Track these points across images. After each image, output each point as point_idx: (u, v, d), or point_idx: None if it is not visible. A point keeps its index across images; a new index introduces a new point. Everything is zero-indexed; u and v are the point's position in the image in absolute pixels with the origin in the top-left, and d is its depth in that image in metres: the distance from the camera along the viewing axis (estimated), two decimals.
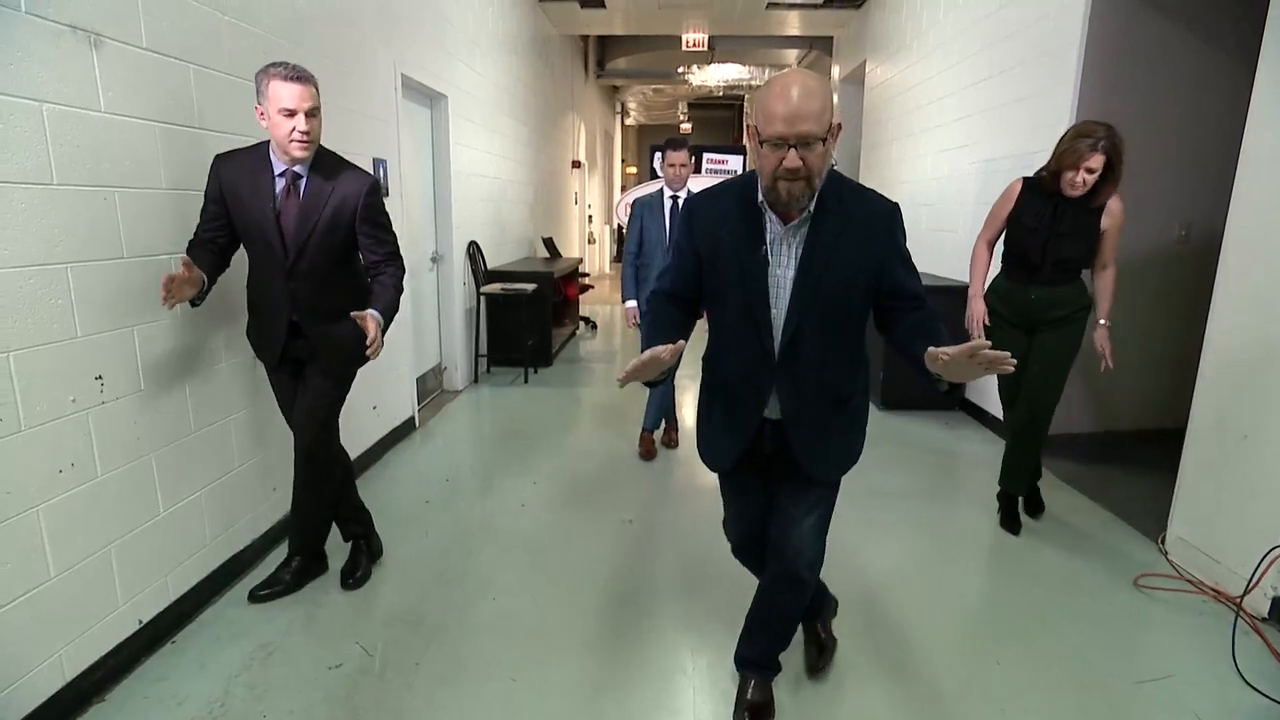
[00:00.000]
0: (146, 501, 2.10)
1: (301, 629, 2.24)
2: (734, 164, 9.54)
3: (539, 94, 7.19)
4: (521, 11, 6.43)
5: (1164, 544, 2.75)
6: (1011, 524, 2.93)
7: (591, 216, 11.88)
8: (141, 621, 2.08)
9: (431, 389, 4.81)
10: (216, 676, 2.01)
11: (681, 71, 10.79)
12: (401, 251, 2.32)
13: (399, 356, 3.87)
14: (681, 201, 3.57)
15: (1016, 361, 1.26)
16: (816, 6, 7.08)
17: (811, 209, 1.51)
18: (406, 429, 4.06)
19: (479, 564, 2.67)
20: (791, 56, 10.37)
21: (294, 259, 2.13)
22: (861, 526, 2.93)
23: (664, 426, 3.95)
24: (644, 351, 1.42)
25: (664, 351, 1.39)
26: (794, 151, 1.38)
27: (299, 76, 2.00)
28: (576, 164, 9.88)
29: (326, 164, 2.15)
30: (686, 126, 16.07)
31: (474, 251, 5.18)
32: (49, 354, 1.75)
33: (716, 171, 9.41)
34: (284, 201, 2.11)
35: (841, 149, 7.50)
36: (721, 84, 11.17)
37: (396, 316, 2.27)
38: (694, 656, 2.14)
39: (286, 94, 1.98)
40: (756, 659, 1.91)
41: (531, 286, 5.23)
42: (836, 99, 7.80)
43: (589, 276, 8.57)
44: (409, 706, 1.92)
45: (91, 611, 1.91)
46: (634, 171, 17.72)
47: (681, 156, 3.56)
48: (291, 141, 2.02)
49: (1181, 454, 2.67)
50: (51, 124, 1.74)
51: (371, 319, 2.11)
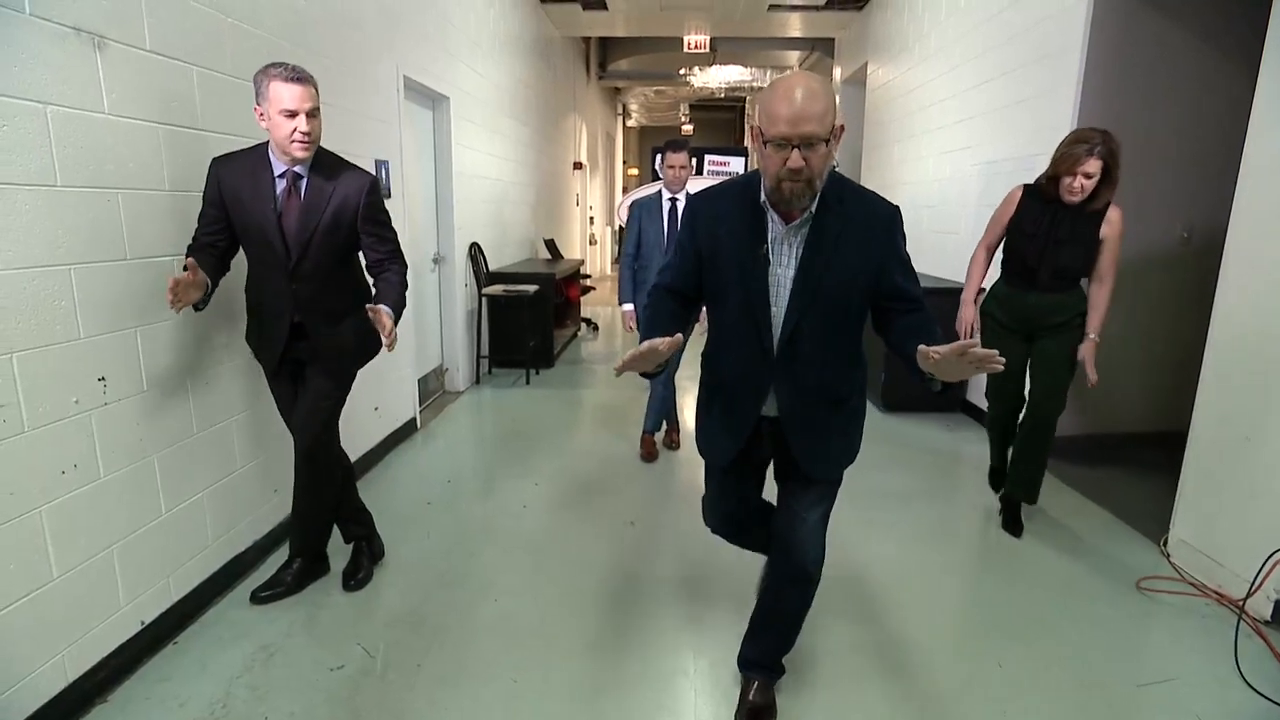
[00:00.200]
0: (149, 502, 2.10)
1: (303, 630, 2.24)
2: (735, 165, 9.54)
3: (541, 95, 7.20)
4: (523, 13, 6.44)
5: (1166, 546, 2.74)
6: (1014, 527, 2.93)
7: (593, 218, 11.89)
8: (144, 622, 2.08)
9: (433, 390, 4.82)
10: (218, 677, 2.01)
11: (683, 73, 10.80)
12: (404, 253, 2.32)
13: (401, 358, 3.87)
14: (680, 203, 3.56)
15: (1005, 361, 1.28)
16: (818, 8, 7.09)
17: (813, 209, 1.52)
18: (408, 430, 4.07)
19: (480, 565, 2.67)
20: (793, 58, 10.38)
21: (296, 260, 2.12)
22: (863, 528, 2.93)
23: (664, 428, 3.95)
24: (642, 342, 1.43)
25: (661, 344, 1.41)
26: (797, 152, 1.40)
27: (299, 77, 2.00)
28: (578, 165, 9.89)
29: (326, 164, 2.15)
30: (688, 128, 16.07)
31: (476, 253, 5.18)
32: (52, 355, 1.76)
33: (718, 173, 9.40)
34: (285, 202, 2.10)
35: (843, 150, 7.49)
36: (723, 86, 11.18)
37: (402, 312, 2.27)
38: (695, 658, 2.14)
39: (287, 95, 1.98)
40: (760, 660, 1.91)
41: (533, 288, 5.23)
42: (838, 100, 7.80)
43: (590, 278, 8.57)
44: (411, 708, 1.92)
45: (94, 612, 1.92)
46: (635, 173, 17.73)
47: (681, 158, 3.54)
48: (293, 142, 2.02)
49: (1183, 456, 2.67)
50: (55, 126, 1.74)
51: (385, 313, 2.10)
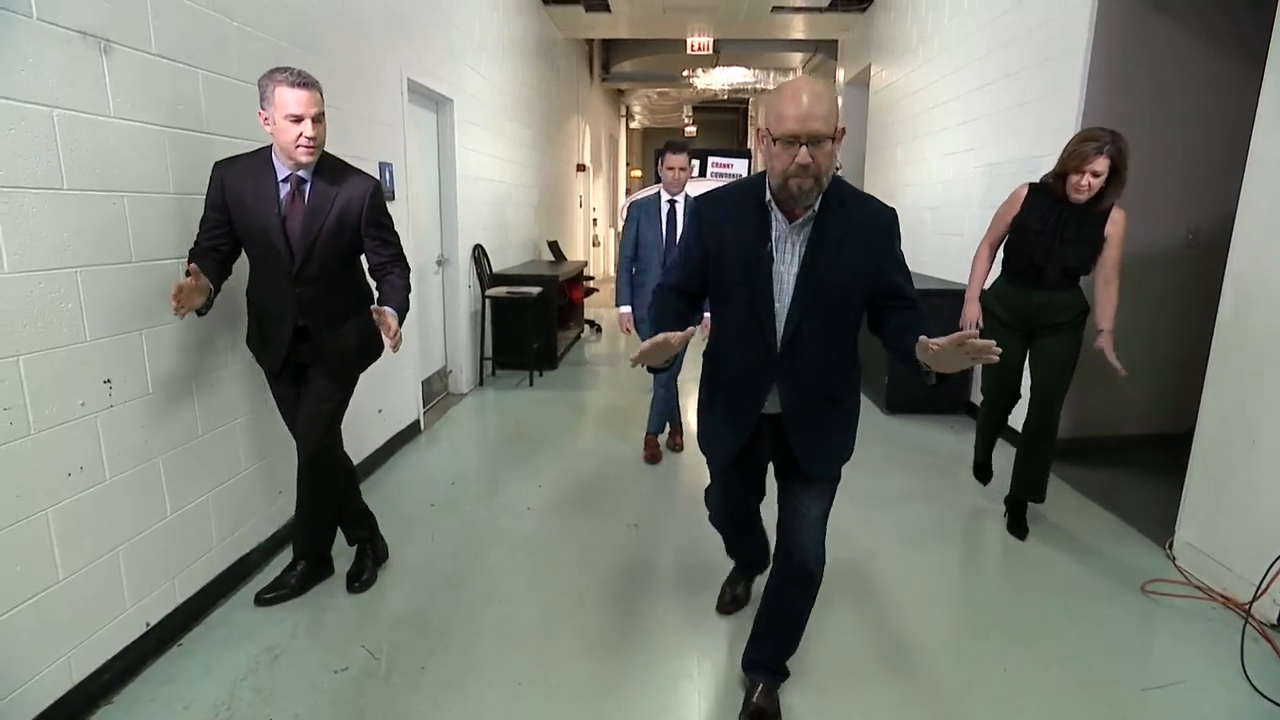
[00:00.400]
0: (154, 505, 2.11)
1: (307, 632, 2.25)
2: (739, 168, 9.52)
3: (544, 97, 7.21)
4: (527, 16, 6.45)
5: (1171, 549, 2.73)
6: (1019, 529, 2.92)
7: (596, 220, 11.90)
8: (149, 624, 2.09)
9: (437, 392, 4.82)
10: (223, 679, 2.02)
11: (686, 75, 10.81)
12: (407, 254, 2.33)
13: (404, 360, 3.87)
14: (679, 205, 3.55)
15: (1002, 352, 1.30)
16: (821, 10, 7.09)
17: (815, 209, 1.57)
18: (412, 432, 4.07)
19: (484, 567, 2.67)
20: (796, 60, 10.39)
21: (300, 263, 2.13)
22: (867, 529, 2.93)
23: (668, 430, 3.94)
24: (654, 337, 1.48)
25: (674, 337, 1.47)
26: (805, 149, 1.46)
27: (305, 82, 2.00)
28: (581, 167, 9.90)
29: (329, 168, 2.16)
30: (691, 130, 16.10)
31: (479, 255, 5.19)
32: (58, 358, 1.77)
33: (721, 175, 9.38)
34: (289, 206, 2.11)
35: (847, 152, 7.52)
36: (726, 87, 11.19)
37: (406, 315, 2.28)
38: (699, 661, 2.14)
39: (293, 100, 1.98)
40: (764, 661, 1.92)
41: (536, 290, 5.23)
42: (841, 102, 7.83)
43: (594, 280, 8.58)
44: (415, 710, 1.92)
45: (99, 614, 1.92)
46: (639, 175, 17.76)
47: (680, 159, 3.51)
48: (298, 147, 2.02)
49: (1188, 458, 2.66)
50: (62, 129, 1.75)
51: (390, 315, 2.11)
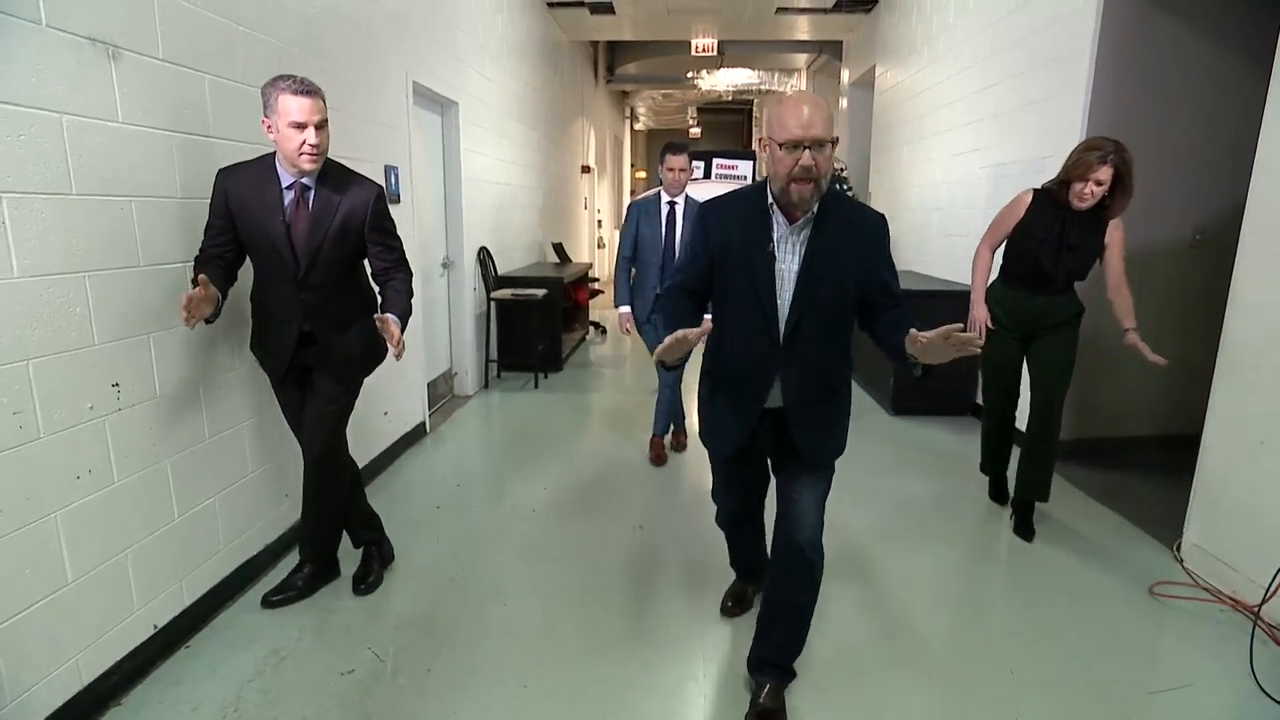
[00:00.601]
0: (162, 507, 2.12)
1: (314, 634, 2.25)
2: (744, 169, 9.50)
3: (549, 100, 7.22)
4: (531, 18, 6.47)
5: (1179, 551, 2.72)
6: (1025, 531, 2.91)
7: (601, 221, 11.91)
8: (156, 626, 2.10)
9: (442, 394, 4.83)
10: (230, 681, 2.03)
11: (691, 76, 10.81)
12: (412, 257, 2.34)
13: (410, 362, 3.88)
14: (679, 206, 3.54)
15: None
16: (826, 11, 7.08)
17: (814, 211, 1.69)
18: (418, 434, 4.08)
19: (490, 569, 2.67)
20: (801, 61, 10.38)
21: (305, 270, 2.14)
22: (872, 531, 2.91)
23: (671, 430, 3.95)
24: (667, 336, 1.56)
25: (691, 333, 1.56)
26: (808, 152, 1.58)
27: (308, 90, 2.01)
28: (586, 169, 9.91)
29: (333, 174, 2.16)
30: (696, 131, 16.09)
31: (484, 257, 5.20)
32: (67, 362, 1.78)
33: (726, 177, 9.37)
34: (294, 213, 2.11)
35: (852, 152, 7.57)
36: (731, 89, 11.18)
37: (409, 320, 2.29)
38: (704, 664, 2.14)
39: (296, 108, 1.99)
40: (770, 658, 1.94)
41: (541, 292, 5.24)
42: (846, 103, 7.92)
43: (599, 281, 8.59)
44: (421, 711, 1.93)
45: (108, 616, 1.93)
46: (643, 176, 17.77)
47: (680, 161, 3.50)
48: (301, 155, 2.03)
49: (1196, 460, 2.65)
50: (70, 135, 1.76)
51: (393, 322, 2.12)
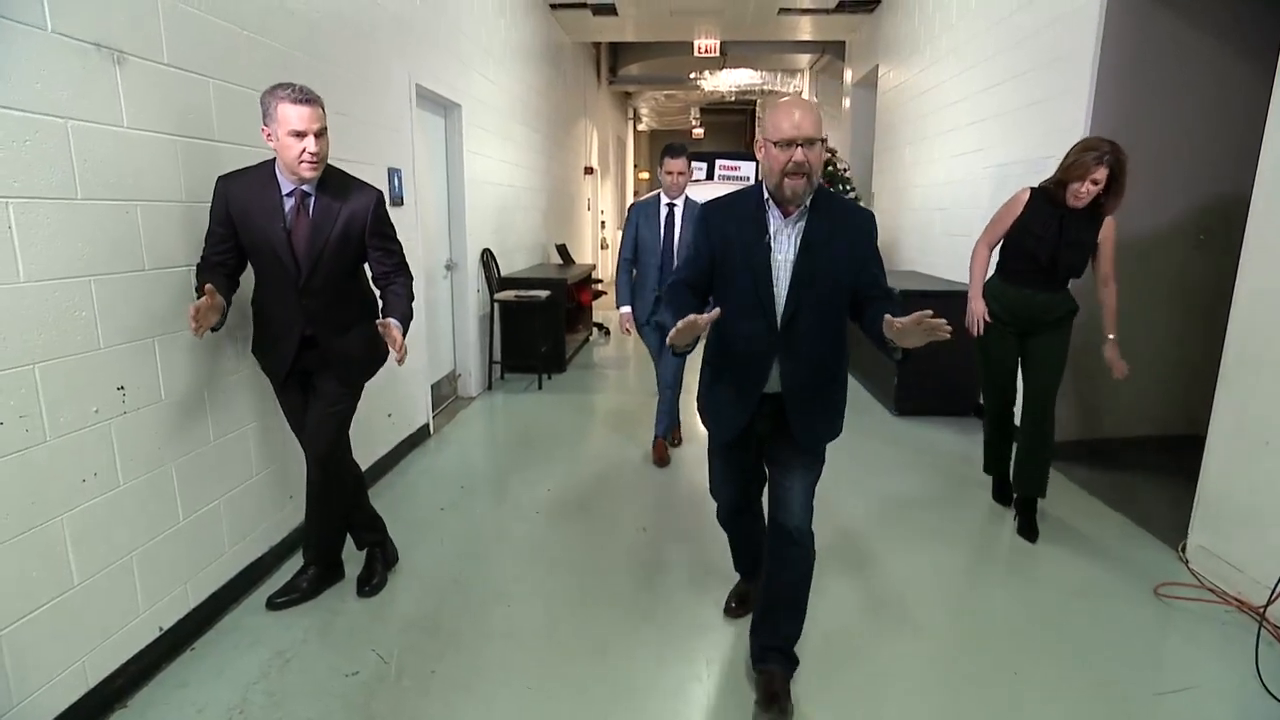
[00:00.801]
0: (167, 510, 2.13)
1: (318, 636, 2.26)
2: (746, 170, 9.51)
3: (551, 101, 7.23)
4: (534, 20, 6.48)
5: (1184, 552, 2.71)
6: (1029, 531, 2.91)
7: (604, 222, 11.92)
8: (162, 628, 2.10)
9: (446, 396, 4.84)
10: (235, 684, 2.03)
11: (693, 77, 10.81)
12: (416, 259, 2.34)
13: (413, 364, 3.89)
14: (679, 208, 3.58)
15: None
16: (828, 11, 7.08)
17: (807, 205, 1.81)
18: (421, 436, 4.09)
19: (494, 571, 2.68)
20: (803, 61, 10.37)
21: (307, 276, 2.14)
22: (875, 531, 2.91)
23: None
24: (675, 324, 1.65)
25: (701, 318, 1.65)
26: (800, 149, 1.71)
27: (307, 99, 2.01)
28: (589, 170, 9.91)
29: (333, 180, 2.17)
30: (699, 132, 16.09)
31: (487, 259, 5.21)
32: (73, 366, 1.79)
33: (729, 178, 9.38)
34: (294, 220, 2.12)
35: (854, 153, 7.58)
36: (733, 89, 11.18)
37: (411, 324, 2.29)
38: (708, 664, 2.14)
39: (295, 116, 1.99)
40: (771, 642, 1.99)
41: (545, 293, 5.25)
42: (848, 103, 7.95)
43: (602, 282, 8.59)
44: (425, 713, 1.93)
45: (113, 619, 1.94)
46: (646, 177, 17.77)
47: (679, 164, 3.54)
48: (301, 163, 2.03)
49: (1201, 460, 2.64)
50: (76, 140, 1.77)
51: (395, 327, 2.12)
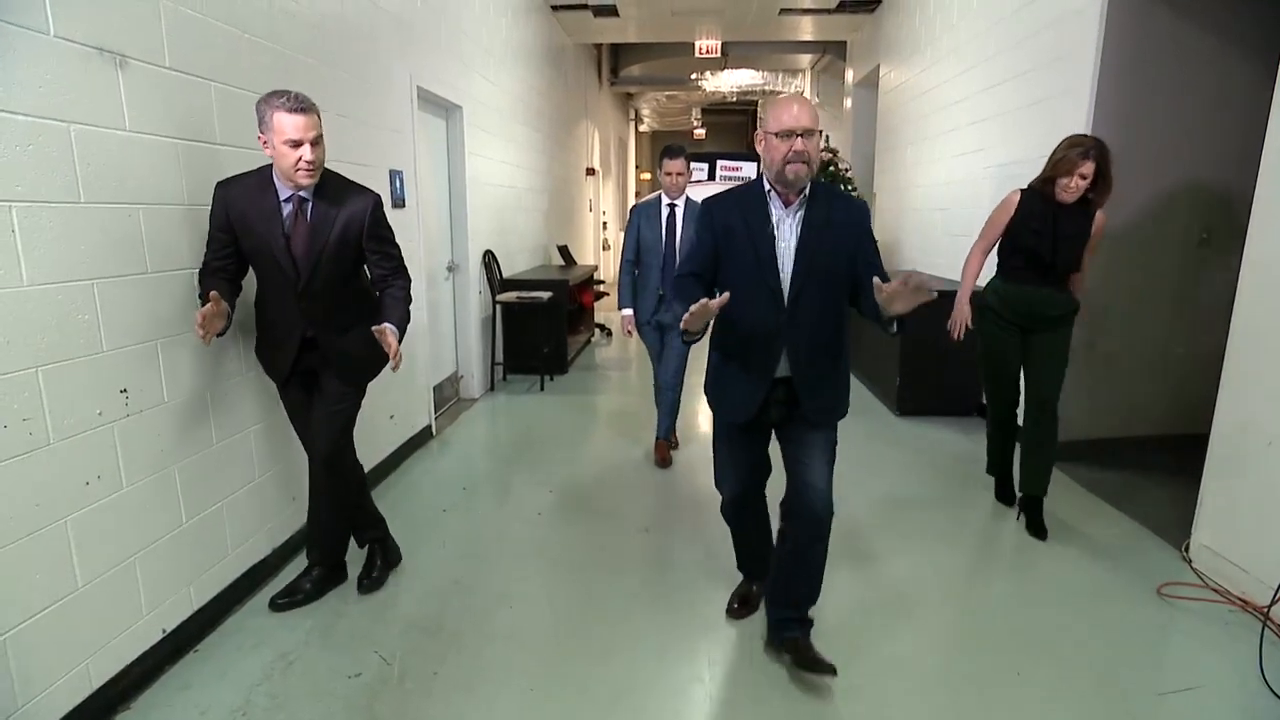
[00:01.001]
0: (170, 512, 2.13)
1: (321, 638, 2.26)
2: (747, 170, 9.54)
3: (553, 102, 7.24)
4: (535, 21, 6.49)
5: (1188, 552, 2.70)
6: (1038, 531, 2.91)
7: (606, 223, 11.92)
8: (165, 630, 2.11)
9: (448, 397, 4.85)
10: (238, 685, 2.04)
11: (695, 78, 10.82)
12: (418, 261, 2.35)
13: (415, 365, 3.90)
14: (679, 209, 3.60)
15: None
16: (830, 11, 7.08)
17: (807, 194, 1.93)
18: (424, 437, 4.10)
19: (496, 572, 2.68)
20: (805, 61, 10.37)
21: (306, 280, 2.16)
22: (878, 532, 2.91)
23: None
24: (688, 309, 1.74)
25: (712, 303, 1.74)
26: (800, 139, 1.83)
27: (302, 107, 2.01)
28: (591, 171, 9.92)
29: (330, 185, 2.18)
30: (700, 132, 16.10)
31: (489, 260, 5.22)
32: (76, 368, 1.79)
33: (730, 178, 9.41)
34: (292, 226, 2.13)
35: (855, 153, 7.58)
36: (735, 89, 11.19)
37: (412, 326, 2.32)
38: (711, 666, 2.14)
39: (290, 125, 2.00)
40: (793, 614, 2.10)
41: (547, 294, 5.26)
42: (850, 103, 7.96)
43: (604, 284, 8.59)
44: (427, 714, 1.94)
45: (117, 621, 1.95)
46: (648, 178, 17.77)
47: (678, 165, 3.56)
48: (298, 171, 2.04)
49: (1205, 460, 2.63)
50: (78, 144, 1.78)
51: (390, 332, 2.15)
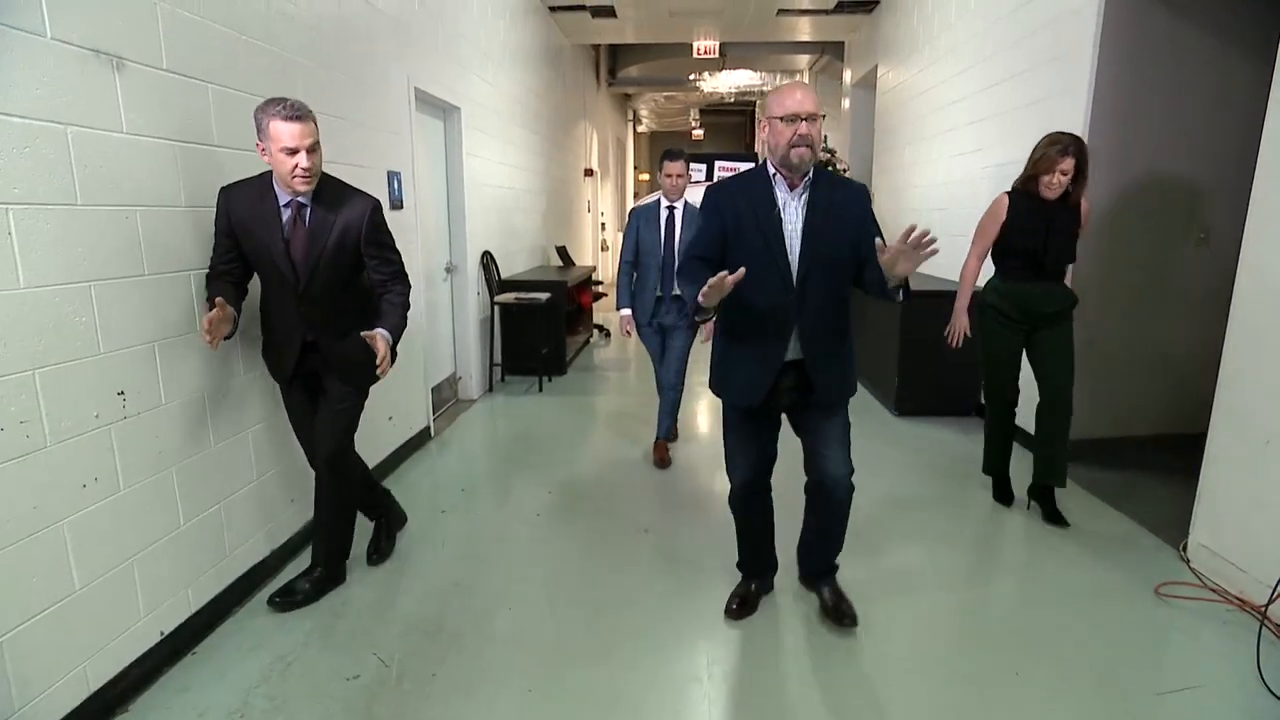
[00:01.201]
0: (168, 514, 2.13)
1: (319, 640, 2.26)
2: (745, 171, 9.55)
3: (551, 103, 7.24)
4: (533, 23, 6.49)
5: (1185, 551, 2.71)
6: (1057, 519, 3.00)
7: (604, 224, 11.92)
8: (163, 633, 2.11)
9: (446, 398, 4.85)
10: (236, 687, 2.04)
11: (693, 78, 10.82)
12: (416, 263, 2.36)
13: (414, 367, 3.90)
14: (678, 211, 3.64)
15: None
16: (827, 12, 7.08)
17: (810, 177, 2.01)
18: (422, 439, 4.09)
19: (495, 573, 2.68)
20: (803, 62, 10.37)
21: (305, 284, 2.20)
22: (877, 532, 2.92)
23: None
24: (701, 289, 1.79)
25: (729, 278, 1.77)
26: (804, 123, 1.92)
27: (298, 115, 2.04)
28: (589, 172, 9.92)
29: (329, 190, 2.21)
30: (699, 133, 16.10)
31: (488, 261, 5.22)
32: (73, 371, 1.79)
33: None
34: (292, 230, 2.17)
35: (854, 153, 7.58)
36: (733, 90, 11.20)
37: (410, 327, 2.33)
38: (710, 666, 2.14)
39: (287, 133, 2.03)
40: (823, 569, 2.38)
41: (545, 295, 5.26)
42: (848, 103, 7.96)
43: (602, 284, 8.59)
44: (426, 717, 1.93)
45: (115, 623, 1.94)
46: (646, 178, 17.78)
47: (677, 167, 3.60)
48: (295, 177, 2.07)
49: (1202, 460, 2.63)
50: (75, 146, 1.78)
51: (381, 338, 2.19)
